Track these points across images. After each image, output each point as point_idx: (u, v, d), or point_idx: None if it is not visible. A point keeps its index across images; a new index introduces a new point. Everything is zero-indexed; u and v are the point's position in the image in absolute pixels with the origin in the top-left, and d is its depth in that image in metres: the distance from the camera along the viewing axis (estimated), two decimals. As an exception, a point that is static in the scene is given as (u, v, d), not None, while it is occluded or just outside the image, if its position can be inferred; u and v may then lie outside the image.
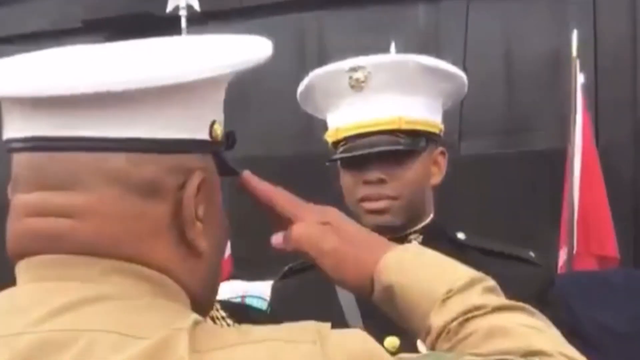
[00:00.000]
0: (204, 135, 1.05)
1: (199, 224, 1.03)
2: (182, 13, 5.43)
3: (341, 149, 1.99)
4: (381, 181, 1.95)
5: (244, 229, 1.56)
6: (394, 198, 1.96)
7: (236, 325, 1.83)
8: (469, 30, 5.80)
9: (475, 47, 5.76)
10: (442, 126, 2.05)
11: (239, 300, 3.58)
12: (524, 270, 1.97)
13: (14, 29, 6.57)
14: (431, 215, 2.06)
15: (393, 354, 1.03)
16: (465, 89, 2.10)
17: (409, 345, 1.78)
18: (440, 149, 2.07)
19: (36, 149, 0.98)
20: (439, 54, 1.81)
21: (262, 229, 1.97)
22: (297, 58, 6.08)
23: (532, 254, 2.04)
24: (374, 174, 1.94)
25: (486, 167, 5.61)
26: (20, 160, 1.00)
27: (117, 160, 0.97)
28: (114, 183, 0.97)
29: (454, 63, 2.06)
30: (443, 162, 2.07)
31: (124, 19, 6.28)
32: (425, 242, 1.95)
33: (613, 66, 5.41)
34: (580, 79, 4.83)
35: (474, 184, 5.57)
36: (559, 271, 4.66)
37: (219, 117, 1.08)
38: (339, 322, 1.84)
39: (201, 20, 5.63)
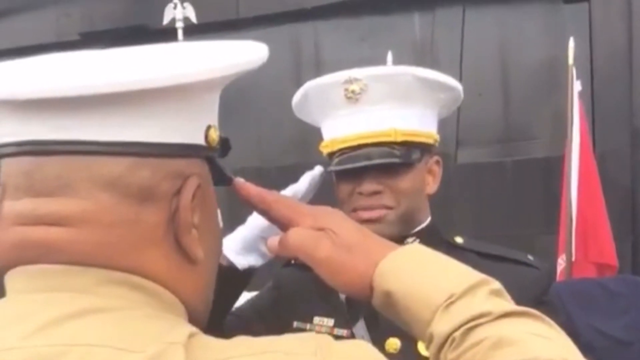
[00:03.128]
0: (199, 140, 1.03)
1: (194, 231, 1.01)
2: (179, 25, 5.45)
3: (336, 160, 1.98)
4: (376, 192, 1.94)
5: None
6: (389, 208, 1.95)
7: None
8: (465, 39, 5.81)
9: (471, 55, 5.76)
10: (437, 136, 2.04)
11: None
12: (524, 273, 1.96)
13: (11, 42, 6.56)
14: (428, 220, 2.06)
15: (394, 355, 1.01)
16: (461, 99, 2.09)
17: (410, 347, 1.83)
18: (436, 158, 2.06)
19: (28, 153, 0.94)
20: (435, 63, 1.81)
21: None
22: (294, 69, 6.09)
23: (530, 257, 2.02)
24: (369, 186, 1.94)
25: (484, 175, 5.61)
26: (10, 166, 0.96)
27: (112, 164, 0.94)
28: (109, 188, 0.94)
29: (450, 72, 2.06)
30: (438, 171, 2.07)
31: (121, 32, 6.28)
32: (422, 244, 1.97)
33: (609, 73, 5.41)
34: (577, 86, 4.84)
35: (471, 193, 5.58)
36: (557, 279, 4.66)
37: (214, 121, 1.06)
38: (342, 321, 1.94)
39: (198, 32, 5.63)
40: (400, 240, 1.96)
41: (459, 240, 2.06)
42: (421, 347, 1.84)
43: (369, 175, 1.95)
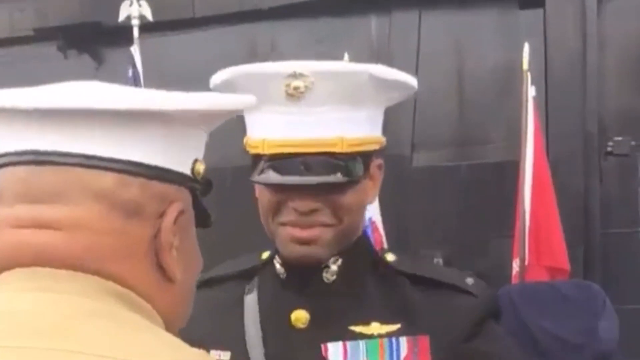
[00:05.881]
0: (186, 170, 1.12)
1: (174, 251, 1.08)
2: (135, 23, 5.40)
3: (265, 165, 1.70)
4: (314, 211, 1.67)
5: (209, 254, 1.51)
6: (327, 225, 1.69)
7: None
8: (421, 42, 5.83)
9: (427, 58, 5.78)
10: (383, 139, 1.79)
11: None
12: (458, 302, 1.71)
13: (-36, 37, 6.50)
14: (357, 234, 1.80)
15: None
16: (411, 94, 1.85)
17: None
18: (378, 161, 1.80)
19: (32, 163, 1.02)
20: (390, 65, 1.75)
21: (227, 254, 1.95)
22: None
23: (470, 280, 1.77)
24: (306, 204, 1.67)
25: (439, 179, 5.63)
26: (5, 175, 1.04)
27: (106, 178, 1.02)
28: (100, 199, 1.02)
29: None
30: (379, 176, 1.81)
31: (76, 28, 6.22)
32: (345, 265, 1.75)
33: (563, 78, 5.47)
34: (532, 91, 4.88)
35: (426, 196, 5.60)
36: (512, 282, 4.70)
37: (200, 157, 1.16)
38: (239, 347, 1.74)
39: (153, 30, 5.59)
40: (320, 263, 1.74)
41: (390, 258, 1.80)
42: None
43: (305, 190, 1.67)
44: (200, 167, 1.14)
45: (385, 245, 4.40)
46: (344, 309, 1.72)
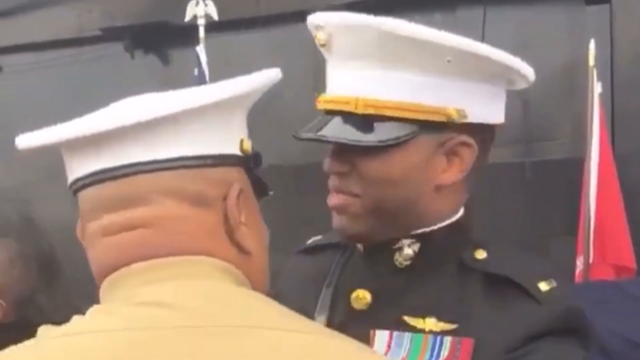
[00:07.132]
0: (236, 150, 1.24)
1: (243, 227, 1.21)
2: (200, 22, 5.45)
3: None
4: (340, 174, 1.56)
5: (273, 244, 1.50)
6: (355, 195, 1.54)
7: None
8: (486, 40, 5.75)
9: (492, 56, 5.73)
10: (456, 112, 1.56)
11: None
12: (520, 308, 1.50)
13: (32, 37, 6.60)
14: (445, 222, 1.63)
15: None
16: (509, 70, 1.70)
17: None
18: (461, 138, 1.58)
19: (102, 181, 1.15)
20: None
21: (291, 245, 1.96)
22: (315, 65, 6.07)
23: (544, 285, 1.52)
24: (332, 164, 1.56)
25: (503, 176, 5.59)
26: (85, 196, 1.18)
27: (170, 177, 1.16)
28: (171, 196, 1.15)
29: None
30: (465, 155, 1.60)
31: (143, 28, 6.30)
32: (423, 252, 1.60)
33: (630, 75, 5.39)
34: (598, 88, 4.83)
35: (490, 193, 5.56)
36: (575, 280, 4.65)
37: (245, 135, 1.27)
38: (310, 313, 1.63)
39: (219, 29, 5.63)
40: (390, 241, 1.60)
41: (480, 255, 1.62)
42: None
43: (335, 150, 1.56)
44: (247, 144, 1.26)
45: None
46: (405, 297, 1.58)
